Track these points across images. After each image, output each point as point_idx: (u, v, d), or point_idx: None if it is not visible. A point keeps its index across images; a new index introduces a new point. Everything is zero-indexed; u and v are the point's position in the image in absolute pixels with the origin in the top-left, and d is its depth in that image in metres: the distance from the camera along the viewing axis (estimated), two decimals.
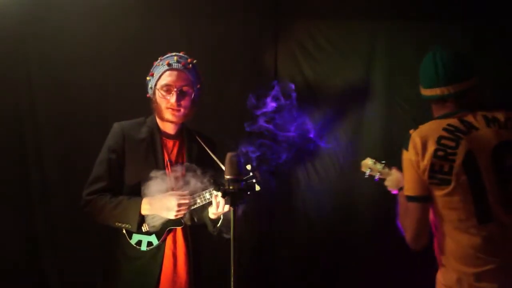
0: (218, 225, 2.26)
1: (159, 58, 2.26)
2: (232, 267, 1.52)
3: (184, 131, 2.34)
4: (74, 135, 2.84)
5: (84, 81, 2.83)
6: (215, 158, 2.27)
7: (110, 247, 2.27)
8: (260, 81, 3.06)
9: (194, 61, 2.27)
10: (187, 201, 2.13)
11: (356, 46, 2.93)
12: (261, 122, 2.65)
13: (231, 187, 1.56)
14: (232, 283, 1.52)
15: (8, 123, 2.80)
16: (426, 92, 1.95)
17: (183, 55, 2.26)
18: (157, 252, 2.18)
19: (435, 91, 1.90)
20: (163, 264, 2.19)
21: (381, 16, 2.82)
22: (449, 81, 1.87)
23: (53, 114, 2.86)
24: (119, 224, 2.15)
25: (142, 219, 2.16)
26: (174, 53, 2.26)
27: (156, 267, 2.17)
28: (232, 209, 1.55)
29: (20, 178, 2.84)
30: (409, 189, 1.87)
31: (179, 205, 2.11)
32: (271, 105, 2.72)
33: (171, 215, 2.12)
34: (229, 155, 1.59)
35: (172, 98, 2.17)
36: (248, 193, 2.05)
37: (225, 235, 2.16)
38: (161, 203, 2.12)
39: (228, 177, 1.57)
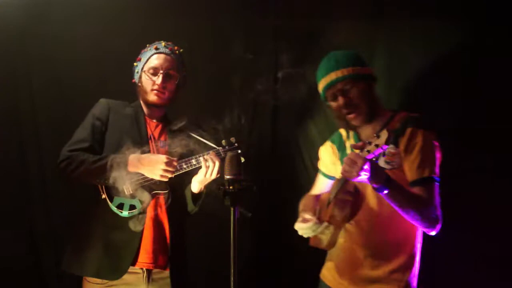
0: (199, 202, 2.28)
1: (146, 45, 2.34)
2: (232, 267, 1.52)
3: (167, 118, 2.39)
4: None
5: (84, 81, 2.83)
6: (198, 137, 2.25)
7: (87, 213, 2.23)
8: (260, 81, 3.06)
9: (181, 49, 2.34)
10: (175, 163, 2.14)
11: (356, 46, 2.92)
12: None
13: (231, 187, 1.56)
14: (232, 283, 1.52)
15: (8, 123, 2.80)
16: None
17: (170, 43, 2.34)
18: (137, 223, 2.15)
19: None
20: (144, 232, 2.16)
21: (381, 16, 2.81)
22: None
23: (53, 114, 2.86)
24: (99, 180, 2.11)
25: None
26: (161, 41, 2.33)
27: (136, 239, 2.14)
28: (232, 209, 1.55)
29: (20, 178, 2.84)
30: None
31: (167, 163, 2.10)
32: None
33: (157, 174, 2.11)
34: (229, 155, 1.59)
35: (158, 80, 2.23)
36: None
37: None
38: (149, 159, 2.12)
39: (228, 177, 1.57)
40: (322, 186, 2.34)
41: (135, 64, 2.34)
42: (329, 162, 2.29)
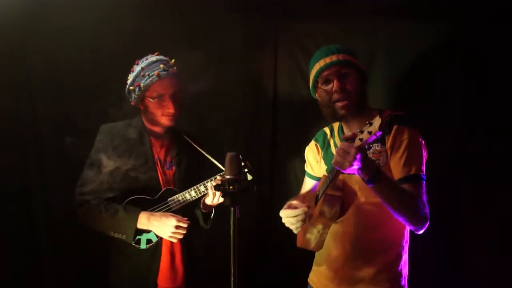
0: (210, 220, 2.37)
1: (140, 67, 2.25)
2: (232, 267, 1.52)
3: (171, 131, 2.38)
4: (73, 134, 2.83)
5: (84, 80, 2.83)
6: (204, 153, 2.34)
7: (109, 246, 2.32)
8: (260, 81, 3.06)
9: (173, 60, 2.30)
10: (185, 225, 2.19)
11: (356, 46, 2.92)
12: None
13: (231, 187, 1.56)
14: (232, 283, 1.52)
15: (8, 123, 2.79)
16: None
17: (165, 58, 2.28)
18: (155, 249, 2.24)
19: None
20: (161, 260, 2.25)
21: (381, 16, 2.81)
22: None
23: (53, 113, 2.86)
24: (115, 234, 2.20)
25: (138, 231, 2.21)
26: (155, 59, 2.25)
27: (155, 263, 2.24)
28: (232, 209, 1.55)
29: (20, 180, 2.83)
30: None
31: (177, 227, 2.17)
32: None
33: (166, 236, 2.19)
34: (229, 154, 1.59)
35: (169, 106, 2.22)
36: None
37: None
38: (159, 222, 2.18)
39: (228, 177, 1.57)
40: (309, 188, 2.31)
41: (131, 88, 2.29)
42: (313, 161, 2.26)
